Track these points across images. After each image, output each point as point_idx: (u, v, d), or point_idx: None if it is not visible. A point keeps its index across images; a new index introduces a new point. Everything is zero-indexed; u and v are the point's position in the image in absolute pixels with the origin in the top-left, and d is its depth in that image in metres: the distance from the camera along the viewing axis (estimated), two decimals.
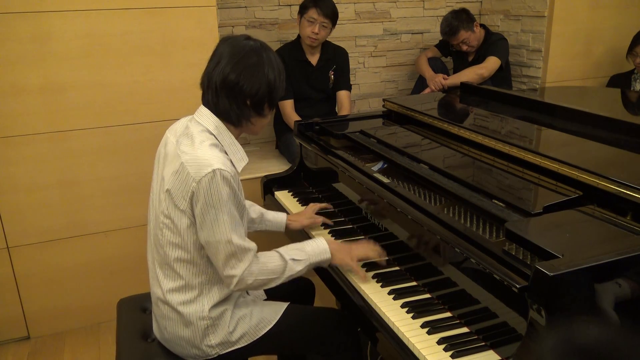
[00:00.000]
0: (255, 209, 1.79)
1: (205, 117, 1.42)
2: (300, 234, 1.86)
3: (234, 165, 1.40)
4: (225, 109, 1.41)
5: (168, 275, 1.43)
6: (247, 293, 1.60)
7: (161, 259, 1.43)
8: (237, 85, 1.37)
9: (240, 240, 1.35)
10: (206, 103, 1.44)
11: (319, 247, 1.51)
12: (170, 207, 1.37)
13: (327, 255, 1.51)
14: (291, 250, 1.48)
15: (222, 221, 1.32)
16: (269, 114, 1.48)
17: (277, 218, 1.82)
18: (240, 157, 1.46)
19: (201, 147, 1.35)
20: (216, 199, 1.31)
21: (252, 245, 1.40)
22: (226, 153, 1.41)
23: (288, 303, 1.56)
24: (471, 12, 3.11)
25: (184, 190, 1.33)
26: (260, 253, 1.44)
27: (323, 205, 1.90)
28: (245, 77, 1.37)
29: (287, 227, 1.83)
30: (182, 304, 1.42)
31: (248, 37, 1.43)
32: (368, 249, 1.56)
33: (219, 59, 1.39)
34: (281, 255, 1.45)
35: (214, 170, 1.30)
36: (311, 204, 1.90)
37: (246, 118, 1.43)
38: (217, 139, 1.41)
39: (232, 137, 1.44)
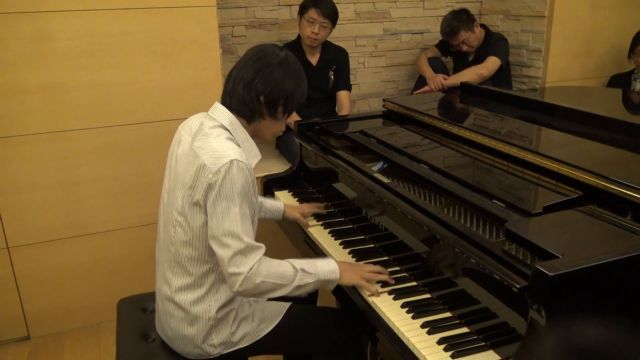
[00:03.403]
0: None
1: (220, 113, 1.43)
2: (300, 237, 1.86)
3: None
4: (240, 100, 1.41)
5: (177, 273, 1.43)
6: None
7: (172, 256, 1.43)
8: (252, 82, 1.40)
9: (249, 238, 1.33)
10: (223, 99, 1.46)
11: (329, 265, 1.46)
12: (186, 205, 1.37)
13: (336, 275, 1.45)
14: (302, 263, 1.43)
15: (233, 213, 1.31)
16: (282, 120, 1.48)
17: (274, 206, 1.87)
18: (254, 154, 1.47)
19: (217, 140, 1.36)
20: (229, 190, 1.30)
21: (261, 245, 1.37)
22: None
23: (290, 303, 1.55)
24: (471, 12, 3.11)
25: (201, 182, 1.33)
26: (269, 258, 1.40)
27: (317, 208, 1.91)
28: (262, 76, 1.39)
29: (283, 214, 1.88)
30: (190, 304, 1.41)
31: (276, 46, 1.47)
32: (377, 274, 1.48)
33: (244, 59, 1.44)
34: (291, 264, 1.41)
35: (231, 161, 1.30)
36: (306, 205, 1.92)
37: (259, 114, 1.43)
38: (231, 134, 1.42)
39: (246, 133, 1.45)
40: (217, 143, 1.35)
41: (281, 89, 1.41)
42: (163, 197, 1.50)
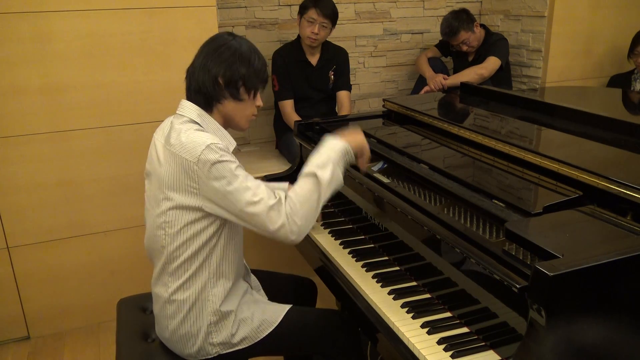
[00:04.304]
0: None
1: (187, 109, 1.43)
2: None
3: None
4: (197, 88, 1.41)
5: (171, 274, 1.43)
6: (249, 283, 1.59)
7: (163, 258, 1.43)
8: (206, 66, 1.40)
9: (265, 194, 1.32)
10: (187, 96, 1.46)
11: (331, 142, 1.47)
12: (172, 206, 1.37)
13: (343, 145, 1.46)
14: (310, 165, 1.42)
15: (239, 183, 1.31)
16: (249, 101, 1.45)
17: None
18: (228, 142, 1.45)
19: (187, 134, 1.35)
20: (221, 170, 1.30)
21: (277, 194, 1.36)
22: None
23: (290, 305, 1.55)
24: (471, 12, 3.11)
25: (189, 178, 1.32)
26: (290, 194, 1.39)
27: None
28: (217, 61, 1.39)
29: None
30: (184, 305, 1.41)
31: (230, 34, 1.46)
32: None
33: (198, 55, 1.44)
34: (305, 173, 1.40)
35: (207, 145, 1.30)
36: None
37: (216, 98, 1.42)
38: (201, 126, 1.41)
39: (216, 123, 1.45)
40: (186, 136, 1.35)
41: (235, 67, 1.39)
42: (148, 200, 1.50)
